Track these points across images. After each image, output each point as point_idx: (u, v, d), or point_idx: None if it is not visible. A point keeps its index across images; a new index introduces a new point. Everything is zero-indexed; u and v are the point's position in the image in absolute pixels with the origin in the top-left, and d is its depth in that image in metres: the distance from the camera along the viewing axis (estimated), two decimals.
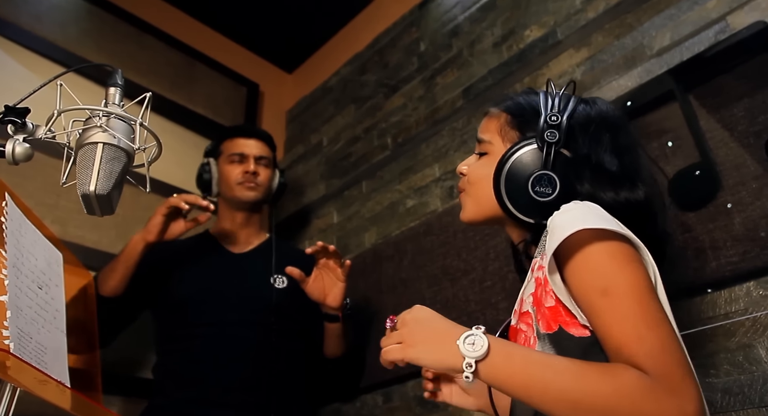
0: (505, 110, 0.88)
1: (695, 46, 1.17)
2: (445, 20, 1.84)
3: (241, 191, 1.55)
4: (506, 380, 0.63)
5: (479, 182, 0.86)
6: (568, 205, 0.74)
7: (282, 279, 1.49)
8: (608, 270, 0.66)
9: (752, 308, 0.96)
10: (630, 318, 0.62)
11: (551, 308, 0.71)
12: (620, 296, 0.64)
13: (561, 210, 0.73)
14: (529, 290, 0.77)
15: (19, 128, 0.75)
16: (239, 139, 1.61)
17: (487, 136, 0.88)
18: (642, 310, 0.63)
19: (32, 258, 0.78)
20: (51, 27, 1.76)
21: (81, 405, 0.75)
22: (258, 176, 1.57)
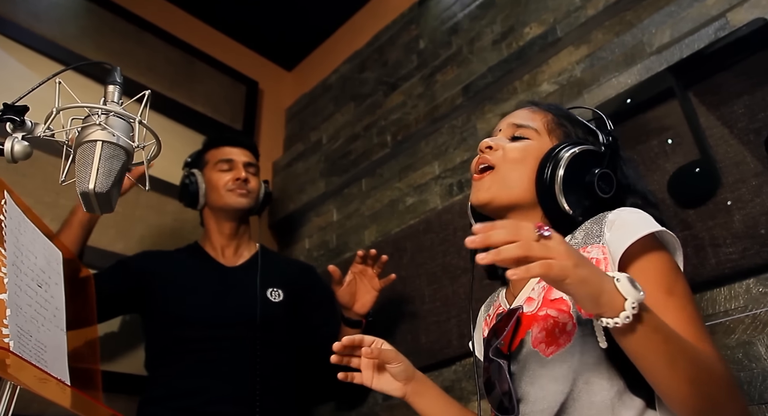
0: (548, 110, 0.93)
1: (695, 44, 1.17)
2: (445, 18, 1.83)
3: (232, 198, 1.52)
4: (651, 333, 0.61)
5: (518, 162, 0.87)
6: (629, 208, 0.80)
7: (278, 292, 1.48)
8: (672, 274, 0.74)
9: (752, 305, 0.96)
10: (695, 320, 0.71)
11: None
12: (684, 298, 0.72)
13: (626, 210, 0.79)
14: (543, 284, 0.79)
15: (17, 126, 0.74)
16: (225, 148, 1.59)
17: (532, 123, 0.90)
18: (700, 316, 0.72)
19: (32, 256, 0.78)
20: (50, 25, 1.76)
21: (81, 403, 0.75)
22: (249, 183, 1.56)
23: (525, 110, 0.93)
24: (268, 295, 1.46)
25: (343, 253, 1.82)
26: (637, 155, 1.16)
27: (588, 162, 0.84)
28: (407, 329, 1.48)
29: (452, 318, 1.39)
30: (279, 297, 1.47)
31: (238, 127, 2.19)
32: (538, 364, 0.76)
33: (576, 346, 0.73)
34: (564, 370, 0.73)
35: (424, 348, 1.43)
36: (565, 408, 0.72)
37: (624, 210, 0.79)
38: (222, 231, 1.55)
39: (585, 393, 0.71)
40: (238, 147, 1.60)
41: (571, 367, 0.73)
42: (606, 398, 0.70)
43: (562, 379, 0.73)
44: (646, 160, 1.15)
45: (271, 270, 1.51)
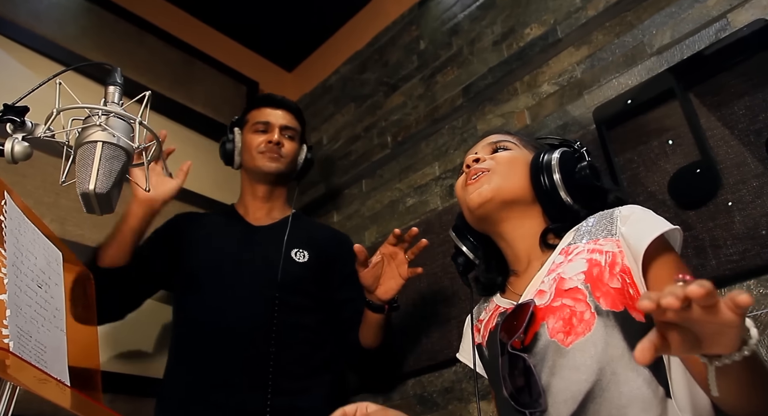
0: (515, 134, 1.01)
1: (695, 44, 1.17)
2: (445, 18, 1.83)
3: (262, 161, 1.48)
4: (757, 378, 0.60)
5: (512, 162, 0.93)
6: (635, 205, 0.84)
7: (303, 253, 1.41)
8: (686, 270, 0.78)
9: (753, 307, 0.96)
10: None
11: (618, 289, 0.75)
12: None
13: (638, 207, 0.82)
14: (575, 269, 0.79)
15: (18, 127, 0.74)
16: (266, 109, 1.53)
17: (508, 138, 0.98)
18: None
19: (31, 256, 0.78)
20: (50, 25, 1.76)
21: (81, 404, 0.75)
22: (282, 147, 1.49)
23: (495, 135, 1.00)
24: (292, 255, 1.39)
25: None
26: (638, 156, 1.16)
27: (571, 159, 0.91)
28: (407, 330, 1.48)
29: (452, 319, 1.39)
30: (304, 258, 1.40)
31: None
32: (557, 355, 0.76)
33: (598, 336, 0.73)
34: (585, 360, 0.73)
35: (424, 349, 1.42)
36: (592, 398, 0.72)
37: (635, 206, 0.83)
38: (255, 193, 1.52)
39: (614, 384, 0.71)
40: (280, 109, 1.54)
41: (594, 357, 0.73)
42: (634, 388, 0.70)
43: (584, 368, 0.73)
44: (647, 160, 1.15)
45: (301, 232, 1.44)
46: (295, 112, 1.57)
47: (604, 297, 0.75)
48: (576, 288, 0.77)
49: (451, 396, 1.36)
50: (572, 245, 0.84)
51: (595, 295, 0.75)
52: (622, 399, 0.70)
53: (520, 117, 1.48)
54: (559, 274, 0.81)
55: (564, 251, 0.84)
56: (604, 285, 0.76)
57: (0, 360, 0.60)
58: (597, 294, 0.75)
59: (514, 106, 1.51)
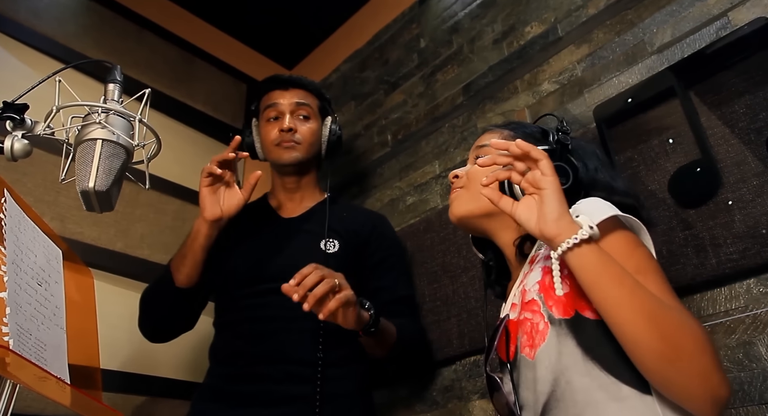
0: (504, 129, 0.99)
1: (696, 43, 1.17)
2: (446, 17, 1.83)
3: (278, 153, 1.38)
4: (603, 265, 0.67)
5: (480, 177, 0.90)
6: (589, 198, 0.81)
7: (333, 242, 1.33)
8: (637, 253, 0.74)
9: (752, 305, 0.96)
10: (670, 294, 0.71)
11: (567, 294, 0.74)
12: (654, 274, 0.72)
13: (585, 201, 0.80)
14: (533, 279, 0.80)
15: (17, 124, 0.74)
16: (274, 92, 1.43)
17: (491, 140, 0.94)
18: (669, 288, 0.72)
19: (31, 254, 0.78)
20: (49, 23, 1.76)
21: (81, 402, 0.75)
22: (295, 133, 1.38)
23: (485, 134, 1.01)
24: (321, 246, 1.31)
25: None
26: (638, 154, 1.16)
27: None
28: None
29: (452, 318, 1.39)
30: (334, 248, 1.32)
31: (239, 125, 2.18)
32: (526, 368, 0.78)
33: (552, 346, 0.74)
34: (542, 371, 0.74)
35: None
36: (549, 409, 0.73)
37: (583, 201, 0.80)
38: (284, 185, 1.44)
39: (568, 393, 0.71)
40: (288, 88, 1.42)
41: (549, 368, 0.73)
42: (588, 395, 0.69)
43: (543, 380, 0.74)
44: (647, 159, 1.15)
45: (332, 220, 1.36)
46: (308, 86, 1.45)
47: (555, 306, 0.75)
48: (533, 299, 0.78)
49: (450, 394, 1.36)
50: (536, 253, 0.84)
51: (547, 304, 0.76)
52: (577, 408, 0.70)
53: (521, 115, 1.48)
54: (523, 286, 0.82)
55: (531, 260, 0.85)
56: (554, 294, 0.75)
57: (0, 358, 0.60)
58: (549, 303, 0.76)
59: (515, 105, 1.50)
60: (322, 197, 1.46)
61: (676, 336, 0.63)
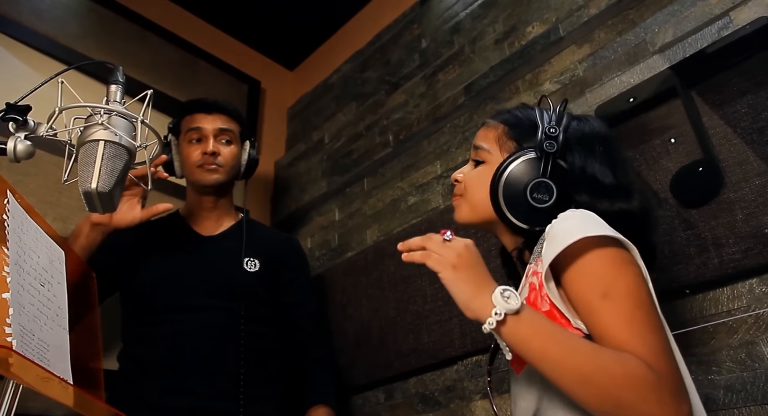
0: (502, 122, 0.93)
1: (698, 42, 1.17)
2: (447, 17, 1.83)
3: (201, 174, 1.43)
4: (527, 340, 0.65)
5: (476, 188, 0.90)
6: (566, 213, 0.77)
7: (254, 262, 1.41)
8: (608, 275, 0.70)
9: (755, 305, 0.96)
10: (632, 321, 0.66)
11: (547, 312, 0.73)
12: (621, 299, 0.67)
13: (559, 219, 0.76)
14: (523, 295, 0.78)
15: (20, 126, 0.75)
16: (197, 115, 1.46)
17: (485, 144, 0.92)
18: (642, 313, 0.67)
19: (34, 255, 0.78)
20: (52, 24, 1.76)
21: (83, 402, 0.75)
22: (218, 156, 1.43)
23: (482, 129, 0.95)
24: (243, 265, 1.39)
25: (344, 253, 1.82)
26: (640, 154, 1.16)
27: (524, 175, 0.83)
28: (409, 329, 1.48)
29: (454, 318, 1.39)
30: (255, 267, 1.40)
31: None
32: (514, 383, 0.79)
33: None
34: (529, 387, 0.74)
35: (425, 347, 1.43)
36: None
37: (559, 218, 0.76)
38: (201, 204, 1.47)
39: (550, 411, 0.71)
40: (211, 113, 1.46)
41: (534, 386, 0.73)
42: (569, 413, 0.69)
43: (529, 397, 0.74)
44: (649, 159, 1.14)
45: (251, 240, 1.44)
46: (230, 113, 1.50)
47: None
48: None
49: (452, 394, 1.36)
50: (529, 265, 0.82)
51: None
52: None
53: None
54: None
55: (526, 273, 0.82)
56: (537, 310, 0.73)
57: (3, 359, 0.60)
58: None
59: (515, 105, 1.50)
60: (237, 217, 1.53)
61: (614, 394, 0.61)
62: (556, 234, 0.73)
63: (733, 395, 0.94)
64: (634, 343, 0.64)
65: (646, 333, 0.65)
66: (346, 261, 1.76)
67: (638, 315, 0.66)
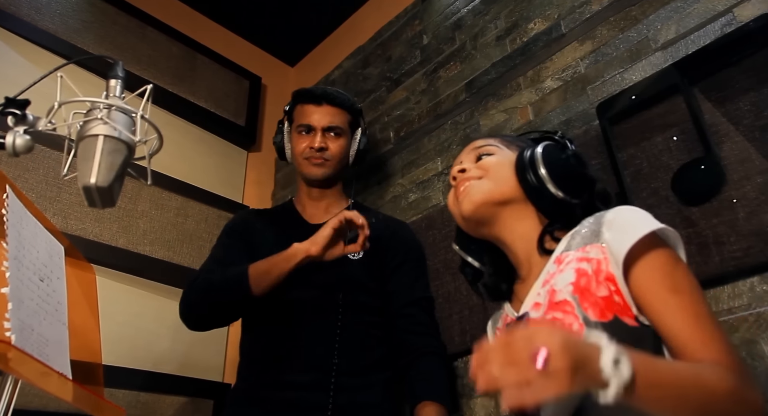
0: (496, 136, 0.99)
1: (701, 39, 1.16)
2: (448, 13, 1.82)
3: (307, 167, 1.44)
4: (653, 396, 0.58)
5: (498, 164, 0.91)
6: (625, 206, 0.79)
7: None
8: (676, 272, 0.72)
9: (756, 303, 0.96)
10: (701, 315, 0.69)
11: (605, 297, 0.73)
12: (690, 295, 0.70)
13: (619, 208, 0.78)
14: (564, 280, 0.77)
15: (19, 120, 0.74)
16: (308, 106, 1.46)
17: (488, 141, 0.95)
18: (708, 311, 0.70)
19: (33, 250, 0.78)
20: (51, 18, 1.75)
21: (82, 397, 0.75)
22: (326, 151, 1.43)
23: (477, 141, 0.98)
24: None
25: None
26: (642, 152, 1.16)
27: (555, 151, 0.88)
28: None
29: (454, 315, 1.39)
30: (358, 255, 1.36)
31: (241, 122, 2.19)
32: None
33: None
34: None
35: None
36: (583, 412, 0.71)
37: (622, 208, 0.78)
38: (309, 193, 1.49)
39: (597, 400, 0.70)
40: (322, 104, 1.45)
41: None
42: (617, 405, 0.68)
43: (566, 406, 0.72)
44: (651, 156, 1.14)
45: None
46: (341, 104, 1.48)
47: (592, 308, 0.73)
48: (565, 300, 0.76)
49: (452, 392, 1.36)
50: (564, 253, 0.81)
51: (582, 306, 0.74)
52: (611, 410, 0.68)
53: (524, 112, 1.47)
54: (551, 286, 0.80)
55: (557, 260, 0.82)
56: (592, 295, 0.74)
57: (2, 353, 0.60)
58: (585, 304, 0.74)
59: (517, 102, 1.50)
60: (347, 204, 1.50)
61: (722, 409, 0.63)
62: (625, 223, 0.74)
63: None
64: (709, 341, 0.67)
65: (716, 331, 0.68)
66: None
67: (705, 311, 0.70)
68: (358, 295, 1.32)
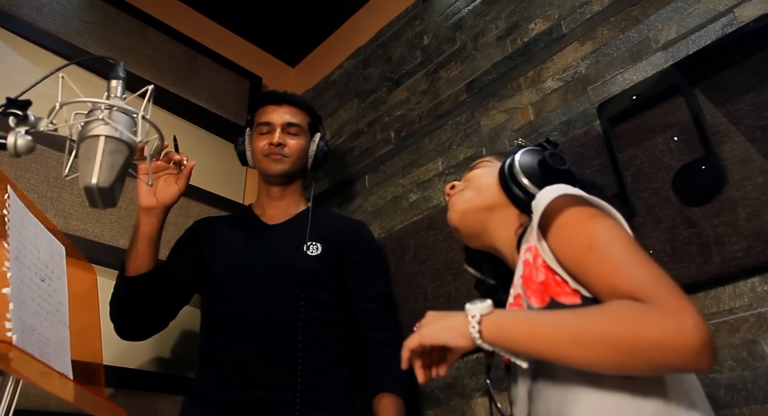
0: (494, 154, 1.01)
1: (702, 40, 1.16)
2: (449, 13, 1.82)
3: (267, 164, 1.47)
4: (511, 331, 0.67)
5: (480, 175, 0.94)
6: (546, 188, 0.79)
7: (316, 245, 1.39)
8: (590, 228, 0.71)
9: (756, 304, 0.95)
10: (618, 264, 0.67)
11: (542, 282, 0.74)
12: (605, 248, 0.68)
13: (547, 189, 0.78)
14: (518, 274, 0.79)
15: (21, 120, 0.74)
16: (268, 107, 1.51)
17: (483, 159, 0.99)
18: (627, 255, 0.67)
19: (35, 250, 0.78)
20: (52, 19, 1.76)
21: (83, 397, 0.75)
22: (285, 147, 1.47)
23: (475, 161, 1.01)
24: (305, 249, 1.38)
25: None
26: (642, 152, 1.16)
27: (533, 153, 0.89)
28: (409, 326, 1.48)
29: None
30: (317, 251, 1.38)
31: (242, 122, 2.18)
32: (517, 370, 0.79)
33: None
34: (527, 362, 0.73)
35: None
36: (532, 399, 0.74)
37: (545, 190, 0.78)
38: (269, 193, 1.51)
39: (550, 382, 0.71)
40: (282, 105, 1.51)
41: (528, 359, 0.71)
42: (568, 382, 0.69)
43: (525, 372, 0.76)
44: (651, 156, 1.14)
45: (315, 225, 1.43)
46: (300, 105, 1.54)
47: (534, 295, 0.74)
48: (518, 294, 0.77)
49: (452, 391, 1.36)
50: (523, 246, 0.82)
51: (527, 296, 0.75)
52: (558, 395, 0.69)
53: (524, 113, 1.47)
54: (513, 282, 0.81)
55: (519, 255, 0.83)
56: (534, 283, 0.75)
57: (3, 353, 0.60)
58: (528, 293, 0.75)
59: (518, 102, 1.50)
60: (305, 206, 1.54)
61: (611, 342, 0.60)
62: (539, 200, 0.76)
63: (735, 394, 0.94)
64: (621, 284, 0.64)
65: (633, 270, 0.65)
66: None
67: (624, 257, 0.66)
68: (318, 292, 1.34)
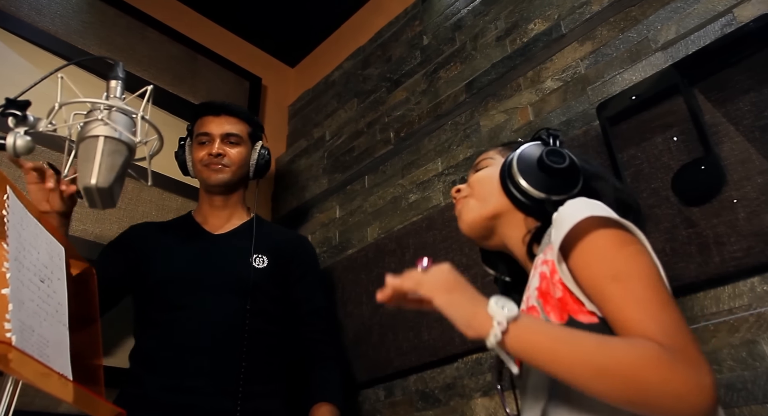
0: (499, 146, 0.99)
1: (701, 40, 1.16)
2: (448, 14, 1.82)
3: (207, 174, 1.48)
4: (534, 344, 0.63)
5: (483, 180, 0.92)
6: (572, 200, 0.77)
7: (262, 258, 1.42)
8: (617, 256, 0.69)
9: (756, 304, 0.95)
10: (643, 301, 0.65)
11: (560, 299, 0.73)
12: (631, 280, 0.66)
13: (565, 205, 0.76)
14: (533, 285, 0.78)
15: (20, 121, 0.74)
16: (206, 118, 1.52)
17: (487, 155, 0.97)
18: (653, 293, 0.66)
19: (34, 251, 0.78)
20: (52, 19, 1.76)
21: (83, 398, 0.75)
22: (224, 157, 1.48)
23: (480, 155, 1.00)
24: (251, 261, 1.41)
25: (345, 250, 1.82)
26: (642, 152, 1.16)
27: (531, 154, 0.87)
28: (409, 326, 1.48)
29: None
30: (263, 264, 1.41)
31: None
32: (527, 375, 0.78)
33: None
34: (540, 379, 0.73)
35: (426, 345, 1.42)
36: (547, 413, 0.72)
37: (565, 204, 0.75)
38: (211, 202, 1.52)
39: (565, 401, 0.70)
40: (220, 115, 1.51)
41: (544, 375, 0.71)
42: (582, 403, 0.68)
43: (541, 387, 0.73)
44: (651, 157, 1.14)
45: (260, 238, 1.46)
46: (239, 115, 1.54)
47: (553, 311, 0.73)
48: (533, 305, 0.76)
49: (452, 392, 1.36)
50: (537, 257, 0.81)
51: (545, 310, 0.74)
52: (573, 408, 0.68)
53: (524, 113, 1.47)
54: (526, 293, 0.81)
55: (535, 264, 0.82)
56: (552, 298, 0.73)
57: (2, 354, 0.60)
58: (547, 308, 0.74)
59: (518, 102, 1.50)
60: (248, 216, 1.55)
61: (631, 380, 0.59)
62: (564, 218, 0.72)
63: (734, 394, 0.94)
64: (646, 324, 0.63)
65: (658, 312, 0.64)
66: (346, 258, 1.76)
67: (648, 295, 0.65)
68: (264, 303, 1.37)
